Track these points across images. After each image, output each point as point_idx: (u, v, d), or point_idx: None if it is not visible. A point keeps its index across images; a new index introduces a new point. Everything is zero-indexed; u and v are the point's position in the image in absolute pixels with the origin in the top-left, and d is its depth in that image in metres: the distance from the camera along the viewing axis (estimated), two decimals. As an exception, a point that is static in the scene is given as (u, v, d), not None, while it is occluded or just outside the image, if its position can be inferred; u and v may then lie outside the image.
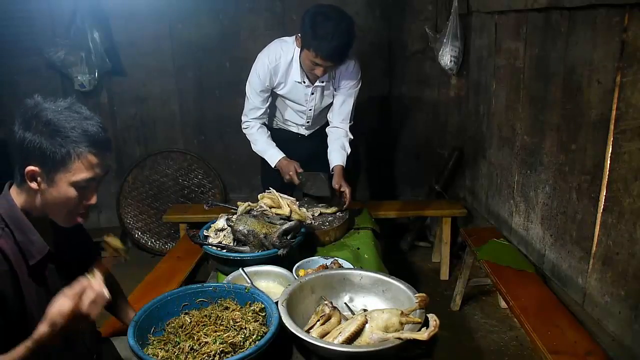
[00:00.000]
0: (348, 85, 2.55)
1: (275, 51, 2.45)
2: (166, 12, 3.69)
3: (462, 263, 3.13)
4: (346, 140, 2.59)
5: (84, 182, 1.26)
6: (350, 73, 2.51)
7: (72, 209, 1.30)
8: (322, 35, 2.19)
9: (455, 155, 3.84)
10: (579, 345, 1.95)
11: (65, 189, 1.25)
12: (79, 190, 1.27)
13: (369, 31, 3.71)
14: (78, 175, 1.24)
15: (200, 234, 2.08)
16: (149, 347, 1.38)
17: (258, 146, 2.63)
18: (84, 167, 1.25)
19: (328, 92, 2.59)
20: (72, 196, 1.26)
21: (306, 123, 2.72)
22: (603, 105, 2.02)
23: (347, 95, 2.57)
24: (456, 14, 3.48)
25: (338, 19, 2.22)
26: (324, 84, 2.51)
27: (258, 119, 2.60)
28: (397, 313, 1.40)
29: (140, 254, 4.06)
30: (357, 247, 2.19)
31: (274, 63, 2.44)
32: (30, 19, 3.62)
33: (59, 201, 1.27)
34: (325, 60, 2.26)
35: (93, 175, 1.27)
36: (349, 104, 2.58)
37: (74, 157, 1.22)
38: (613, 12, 1.94)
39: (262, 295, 1.54)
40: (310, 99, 2.56)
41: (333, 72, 2.50)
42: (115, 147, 3.99)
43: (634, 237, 1.88)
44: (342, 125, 2.60)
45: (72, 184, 1.25)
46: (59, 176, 1.23)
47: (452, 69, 3.62)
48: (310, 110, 2.63)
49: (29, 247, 1.28)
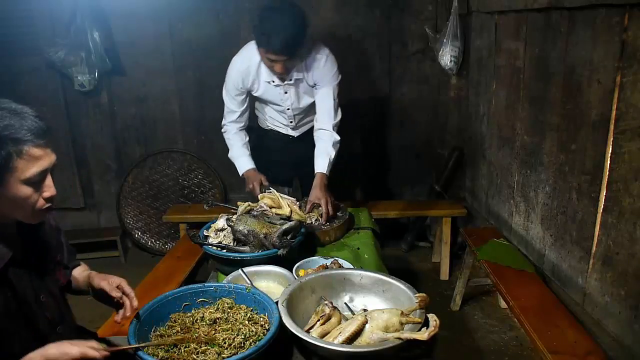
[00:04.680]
0: (324, 81, 2.48)
1: (246, 54, 2.44)
2: (166, 11, 3.69)
3: (462, 263, 3.13)
4: (330, 143, 2.48)
5: (36, 176, 1.21)
6: (323, 68, 2.45)
7: (32, 206, 1.25)
8: (269, 29, 2.17)
9: (455, 155, 3.84)
10: (579, 345, 1.95)
11: (17, 188, 1.20)
12: (33, 186, 1.22)
13: (369, 31, 3.71)
14: (27, 171, 1.20)
15: (200, 234, 2.08)
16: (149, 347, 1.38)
17: (232, 152, 2.65)
18: (30, 163, 1.20)
19: (305, 90, 2.53)
20: (28, 194, 1.22)
21: (290, 124, 2.70)
22: (603, 105, 2.02)
23: (326, 90, 2.49)
24: (456, 14, 3.48)
25: (283, 11, 2.19)
26: (292, 82, 2.46)
27: (235, 123, 2.61)
28: (397, 313, 1.40)
29: (140, 254, 4.06)
30: (357, 247, 2.19)
31: (245, 65, 2.44)
32: (30, 19, 3.62)
33: (16, 202, 1.22)
34: (277, 54, 2.22)
35: (42, 167, 1.22)
36: (330, 99, 2.50)
37: (15, 156, 1.17)
38: (613, 12, 1.94)
39: (262, 295, 1.54)
40: (285, 98, 2.53)
41: (304, 69, 2.43)
42: (115, 147, 3.99)
43: (634, 237, 1.88)
44: (327, 126, 2.51)
45: (23, 182, 1.20)
46: (7, 178, 1.18)
47: (452, 69, 3.63)
48: (289, 110, 2.60)
49: None
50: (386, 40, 3.74)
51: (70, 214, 3.95)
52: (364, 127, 3.92)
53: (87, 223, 4.08)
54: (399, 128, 3.95)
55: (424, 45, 3.71)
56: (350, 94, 3.87)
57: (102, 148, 3.99)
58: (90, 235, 3.92)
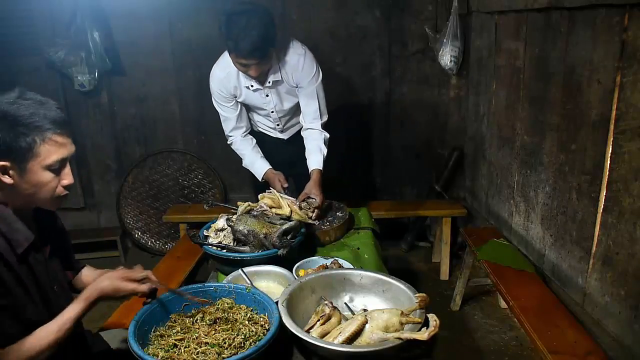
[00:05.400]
0: (306, 82, 2.41)
1: (224, 61, 2.40)
2: (166, 11, 3.69)
3: (462, 263, 3.13)
4: (321, 141, 2.46)
5: (57, 162, 1.30)
6: (303, 69, 2.38)
7: (52, 191, 1.33)
8: (236, 33, 2.11)
9: (455, 155, 3.84)
10: (579, 345, 1.95)
11: (40, 174, 1.28)
12: (54, 172, 1.30)
13: (369, 31, 3.71)
14: (49, 158, 1.28)
15: (200, 234, 2.08)
16: (150, 347, 1.38)
17: (245, 160, 2.60)
18: (53, 149, 1.28)
19: (287, 91, 2.48)
20: (48, 179, 1.30)
21: (277, 127, 2.68)
22: (603, 105, 2.02)
23: (309, 92, 2.44)
24: (456, 14, 3.48)
25: (249, 13, 2.13)
26: (271, 84, 2.40)
27: (236, 130, 2.57)
28: (397, 313, 1.40)
29: (140, 254, 4.06)
30: (357, 247, 2.19)
31: (224, 72, 2.41)
32: (30, 19, 3.62)
33: (39, 188, 1.30)
34: (247, 58, 2.17)
35: (62, 155, 1.30)
36: (314, 100, 2.45)
37: (40, 142, 1.25)
38: (613, 12, 1.94)
39: (262, 295, 1.54)
40: (267, 101, 2.49)
41: (281, 70, 2.38)
42: (115, 147, 3.99)
43: (634, 237, 1.88)
44: (314, 125, 2.48)
45: (46, 168, 1.28)
46: (30, 164, 1.26)
47: (452, 69, 3.63)
48: (274, 113, 2.56)
49: (15, 236, 1.30)
50: (386, 40, 3.74)
51: (70, 214, 3.95)
52: (363, 127, 3.92)
53: (87, 223, 4.08)
54: (399, 128, 3.95)
55: (424, 45, 3.71)
56: (350, 94, 3.88)
57: (102, 148, 3.99)
58: (90, 235, 3.92)
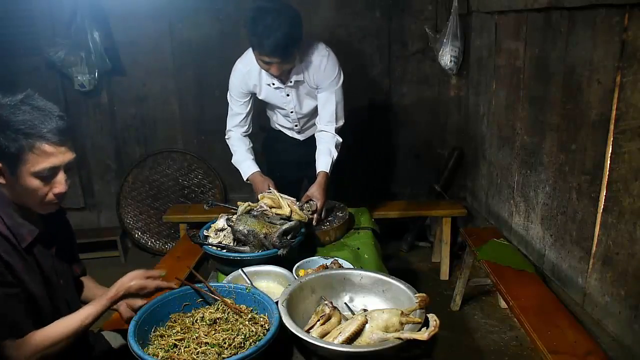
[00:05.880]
0: (326, 84, 2.41)
1: (248, 57, 2.39)
2: (166, 11, 3.69)
3: (462, 263, 3.13)
4: (333, 144, 2.44)
5: (45, 171, 1.29)
6: (324, 70, 2.39)
7: (41, 198, 1.33)
8: (261, 31, 2.10)
9: (455, 155, 3.84)
10: (579, 345, 1.94)
11: (28, 180, 1.29)
12: (42, 180, 1.30)
13: (369, 31, 3.71)
14: (37, 165, 1.28)
15: (200, 234, 2.08)
16: (150, 347, 1.38)
17: (235, 157, 2.57)
18: (41, 158, 1.27)
19: (307, 92, 2.48)
20: (36, 186, 1.30)
21: (295, 127, 2.68)
22: (603, 105, 2.02)
23: (327, 94, 2.44)
24: (456, 14, 3.48)
25: (276, 12, 2.12)
26: (292, 84, 2.40)
27: (239, 127, 2.56)
28: (397, 313, 1.40)
29: (140, 254, 4.06)
30: (357, 247, 2.19)
31: (247, 68, 2.41)
32: (30, 19, 3.62)
33: (26, 192, 1.31)
34: (270, 56, 2.17)
35: (51, 164, 1.29)
36: (332, 103, 2.44)
37: (27, 150, 1.25)
38: (613, 12, 1.94)
39: (262, 295, 1.54)
40: (287, 100, 2.49)
41: (304, 70, 2.38)
42: (115, 147, 3.99)
43: (634, 237, 1.88)
44: (328, 128, 2.46)
45: (32, 175, 1.28)
46: (19, 169, 1.27)
47: (452, 69, 3.63)
48: (293, 113, 2.56)
49: (19, 229, 1.32)
50: (386, 40, 3.74)
51: (70, 214, 3.89)
52: (363, 127, 3.91)
53: (87, 223, 4.08)
54: (399, 128, 3.95)
55: (424, 45, 3.71)
56: (350, 94, 3.84)
57: (102, 148, 3.99)
58: (90, 235, 3.91)
